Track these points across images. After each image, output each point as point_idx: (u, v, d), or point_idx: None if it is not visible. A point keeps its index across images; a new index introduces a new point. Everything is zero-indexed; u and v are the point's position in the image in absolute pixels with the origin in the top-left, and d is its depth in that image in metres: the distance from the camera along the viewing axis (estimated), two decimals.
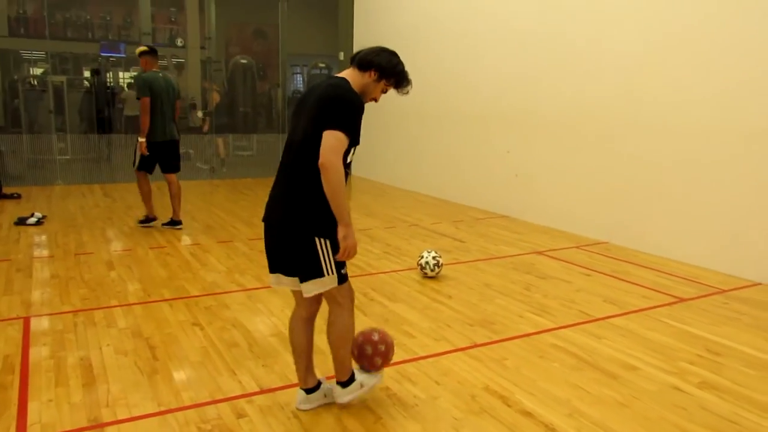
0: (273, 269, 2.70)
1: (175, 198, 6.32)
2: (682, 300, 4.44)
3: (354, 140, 2.52)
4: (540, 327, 3.86)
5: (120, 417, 2.68)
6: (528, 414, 2.79)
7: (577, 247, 5.95)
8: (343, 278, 2.62)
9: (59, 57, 14.76)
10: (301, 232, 2.51)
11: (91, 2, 18.69)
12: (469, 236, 6.37)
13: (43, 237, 5.93)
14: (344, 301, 2.68)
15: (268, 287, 4.50)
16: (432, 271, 4.82)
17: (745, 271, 4.97)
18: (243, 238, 6.10)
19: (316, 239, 2.50)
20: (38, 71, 16.59)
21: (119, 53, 15.94)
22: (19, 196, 7.82)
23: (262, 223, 2.66)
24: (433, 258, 4.83)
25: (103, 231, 6.23)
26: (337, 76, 2.65)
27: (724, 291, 4.66)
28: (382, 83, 2.69)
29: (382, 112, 10.09)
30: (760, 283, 4.86)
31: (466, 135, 8.21)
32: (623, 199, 5.98)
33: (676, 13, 5.39)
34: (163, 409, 2.76)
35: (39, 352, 3.31)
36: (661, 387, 3.07)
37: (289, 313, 2.90)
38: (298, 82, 18.18)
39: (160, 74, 6.07)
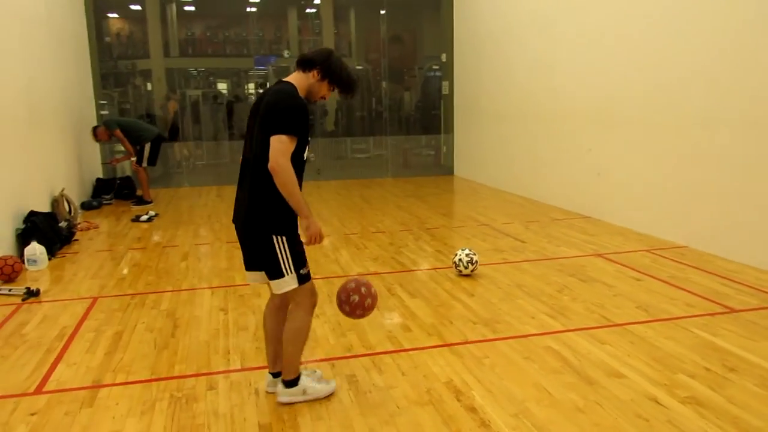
0: (246, 267, 2.91)
1: None
2: (732, 311, 4.00)
3: (303, 139, 2.71)
4: (545, 329, 3.75)
5: (116, 381, 3.15)
6: (472, 410, 2.79)
7: (648, 251, 5.54)
8: (303, 278, 2.78)
9: (222, 72, 16.36)
10: (260, 231, 2.73)
11: (246, 21, 20.67)
12: (534, 237, 6.20)
13: (146, 232, 6.84)
14: (302, 301, 2.83)
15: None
16: (466, 268, 4.83)
17: None
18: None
19: (274, 237, 2.71)
20: (213, 87, 18.20)
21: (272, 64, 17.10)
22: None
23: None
24: (467, 255, 4.83)
25: (197, 227, 7.02)
26: (284, 81, 2.80)
27: None
28: (326, 82, 2.81)
29: (477, 113, 10.08)
30: None
31: (549, 133, 7.93)
32: (706, 200, 5.45)
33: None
34: (153, 377, 3.19)
35: (89, 326, 3.94)
36: (637, 397, 2.88)
37: (317, 309, 3.16)
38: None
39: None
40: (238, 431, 2.66)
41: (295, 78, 2.81)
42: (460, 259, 4.85)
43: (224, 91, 14.42)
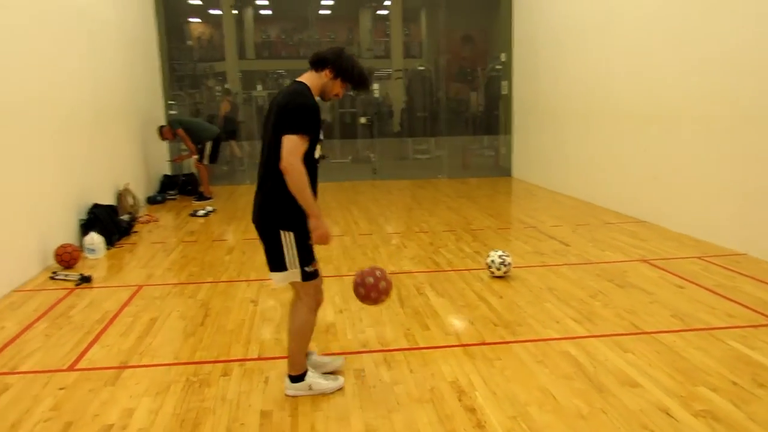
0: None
1: None
2: None
3: (314, 138, 2.78)
4: (567, 334, 3.65)
5: (141, 363, 3.35)
6: (471, 410, 2.77)
7: (699, 258, 5.25)
8: (307, 275, 2.85)
9: (293, 74, 16.85)
10: (269, 226, 2.83)
11: (319, 24, 21.16)
12: (579, 240, 6.02)
13: (201, 226, 7.16)
14: (306, 298, 2.91)
15: (340, 276, 4.93)
16: (498, 270, 4.76)
17: None
18: (355, 233, 6.60)
19: (281, 232, 2.80)
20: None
21: None
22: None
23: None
24: (499, 257, 4.76)
25: (249, 223, 7.22)
26: (297, 81, 2.88)
27: None
28: (339, 80, 2.86)
29: (535, 113, 9.86)
30: None
31: (605, 134, 7.65)
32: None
33: None
34: (174, 361, 3.36)
35: (129, 311, 4.20)
36: (647, 408, 2.76)
37: (342, 304, 3.26)
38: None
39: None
40: (241, 417, 2.77)
41: (308, 78, 2.87)
42: (492, 261, 4.79)
43: None
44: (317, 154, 2.85)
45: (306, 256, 2.84)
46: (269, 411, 2.81)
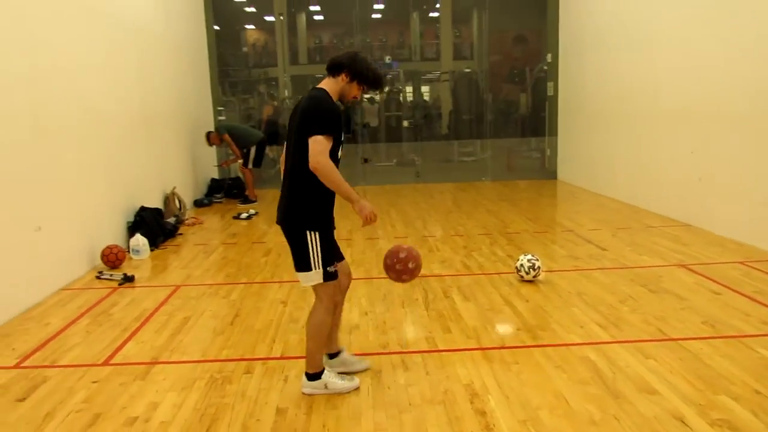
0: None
1: None
2: None
3: (337, 139, 2.88)
4: (590, 339, 3.60)
5: (171, 359, 3.51)
6: (482, 413, 2.79)
7: (742, 263, 5.06)
8: (329, 276, 2.94)
9: None
10: (296, 227, 2.94)
11: (371, 27, 21.39)
12: (617, 244, 5.89)
13: (243, 229, 7.39)
14: (324, 298, 2.99)
15: (370, 279, 5.01)
16: (527, 274, 4.73)
17: None
18: (390, 236, 6.67)
19: (307, 232, 2.90)
20: None
21: (394, 70, 17.42)
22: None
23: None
24: (528, 261, 4.73)
25: None
26: (317, 87, 2.99)
27: None
28: (355, 83, 2.97)
29: (580, 114, 9.66)
30: None
31: (650, 135, 7.44)
32: None
33: None
34: (201, 358, 3.51)
35: (165, 310, 4.40)
36: (662, 415, 2.71)
37: (368, 306, 3.35)
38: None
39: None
40: (257, 413, 2.88)
41: (326, 84, 2.99)
42: (521, 264, 4.76)
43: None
44: (340, 153, 2.95)
45: (328, 257, 2.93)
46: (285, 408, 2.91)
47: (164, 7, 8.14)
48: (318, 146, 2.76)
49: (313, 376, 3.04)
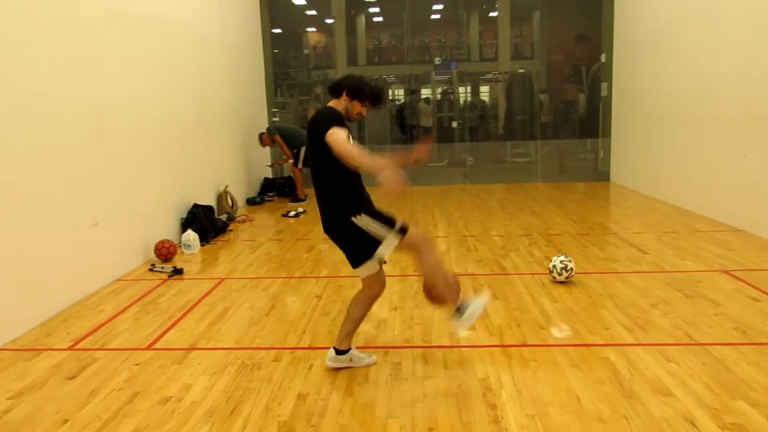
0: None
1: None
2: None
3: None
4: (613, 341, 3.61)
5: (207, 346, 3.76)
6: (492, 406, 2.88)
7: None
8: (403, 230, 3.09)
9: (402, 79, 17.05)
10: (341, 224, 3.15)
11: (430, 28, 21.49)
12: (660, 248, 5.77)
13: (290, 226, 7.66)
14: (418, 240, 3.14)
15: (403, 276, 5.13)
16: (560, 275, 4.74)
17: None
18: (432, 235, 6.76)
19: (352, 219, 3.09)
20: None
21: (451, 70, 17.44)
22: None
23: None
24: (561, 262, 4.74)
25: None
26: (326, 106, 3.23)
27: None
28: (356, 101, 3.21)
29: (633, 115, 9.44)
30: None
31: (703, 138, 7.22)
32: None
33: None
34: (235, 346, 3.74)
35: (207, 301, 4.67)
36: (672, 417, 2.71)
37: (398, 302, 3.60)
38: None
39: None
40: (280, 397, 3.06)
41: (333, 103, 3.25)
42: (554, 266, 4.77)
43: (400, 98, 15.25)
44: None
45: (387, 220, 3.09)
46: (306, 393, 3.08)
47: (220, 12, 8.53)
48: (336, 137, 2.95)
49: (342, 351, 3.29)
